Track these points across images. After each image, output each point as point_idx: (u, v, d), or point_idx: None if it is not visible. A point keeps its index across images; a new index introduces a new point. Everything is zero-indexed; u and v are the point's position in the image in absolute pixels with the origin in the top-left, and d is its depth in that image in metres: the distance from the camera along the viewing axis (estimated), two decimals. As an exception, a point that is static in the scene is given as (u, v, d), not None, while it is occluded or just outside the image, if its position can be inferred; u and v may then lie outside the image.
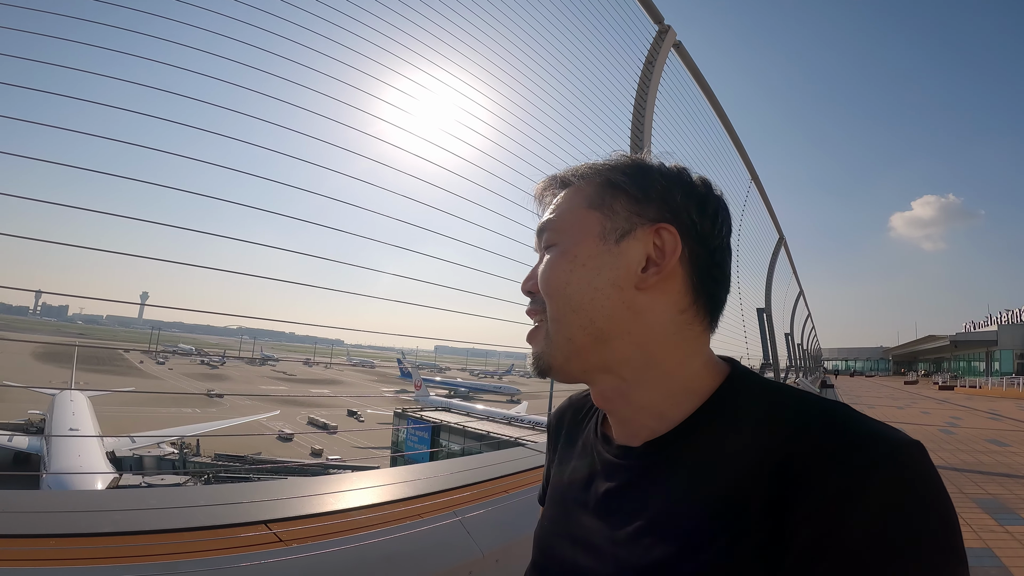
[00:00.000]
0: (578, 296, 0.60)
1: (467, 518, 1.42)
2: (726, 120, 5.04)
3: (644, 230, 0.61)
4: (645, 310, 0.60)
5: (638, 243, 0.60)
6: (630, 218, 0.61)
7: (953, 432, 10.54)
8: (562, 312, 0.61)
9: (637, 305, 0.59)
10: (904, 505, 0.43)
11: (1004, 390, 27.52)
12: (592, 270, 0.60)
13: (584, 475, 0.68)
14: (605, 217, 0.62)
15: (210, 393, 51.64)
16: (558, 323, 0.61)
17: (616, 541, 0.57)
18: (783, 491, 0.47)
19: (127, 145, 1.43)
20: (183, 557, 1.00)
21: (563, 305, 0.60)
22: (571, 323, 0.60)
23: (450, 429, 19.60)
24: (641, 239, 0.60)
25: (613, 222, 0.61)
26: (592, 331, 0.60)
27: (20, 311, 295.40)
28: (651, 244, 0.60)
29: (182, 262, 1.48)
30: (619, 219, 0.61)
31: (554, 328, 0.61)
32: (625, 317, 0.59)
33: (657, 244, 0.60)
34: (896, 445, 0.46)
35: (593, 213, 0.62)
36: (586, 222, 0.62)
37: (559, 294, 0.61)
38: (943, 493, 0.45)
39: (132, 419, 31.79)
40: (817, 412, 0.51)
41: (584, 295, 0.60)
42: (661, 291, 0.60)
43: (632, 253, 0.60)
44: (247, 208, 1.58)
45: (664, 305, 0.60)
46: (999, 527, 4.20)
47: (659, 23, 3.37)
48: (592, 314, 0.59)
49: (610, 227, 0.61)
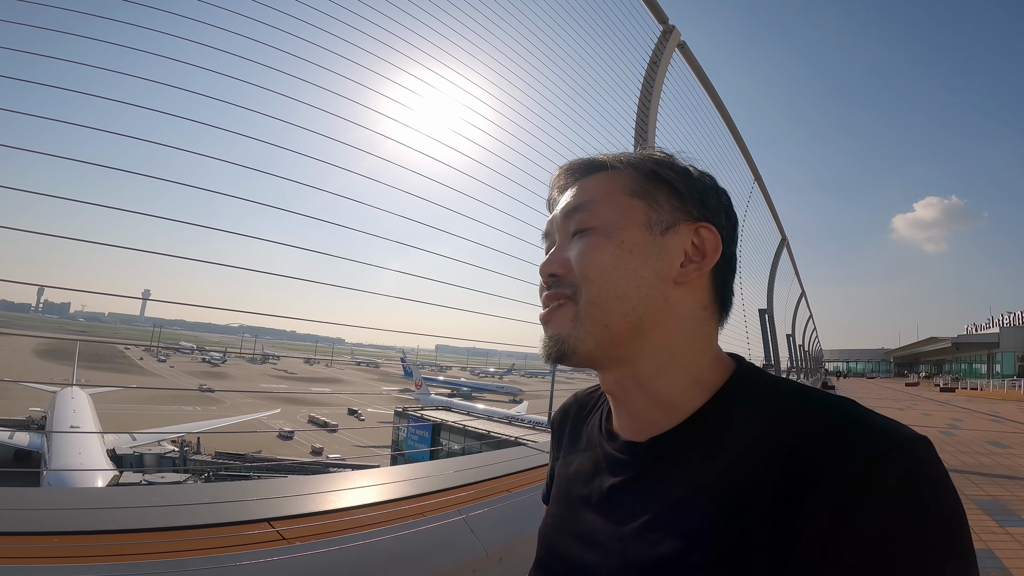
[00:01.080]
0: (624, 283, 0.59)
1: (470, 517, 1.41)
2: (729, 120, 5.03)
3: (687, 226, 0.61)
4: (677, 304, 0.60)
5: (680, 238, 0.61)
6: (673, 212, 0.61)
7: (954, 434, 10.53)
8: (604, 297, 0.58)
9: (672, 298, 0.60)
10: (912, 499, 0.43)
11: (1005, 392, 27.49)
12: (639, 258, 0.59)
13: (588, 471, 0.67)
14: (649, 207, 0.61)
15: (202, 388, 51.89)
16: (597, 307, 0.59)
17: (621, 537, 0.57)
18: (791, 485, 0.47)
19: (131, 140, 1.42)
20: (187, 555, 1.00)
21: (607, 290, 0.58)
22: (612, 310, 0.58)
23: (450, 428, 19.62)
24: (683, 234, 0.61)
25: (658, 214, 0.61)
26: (632, 320, 0.59)
27: (22, 308, 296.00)
28: (690, 241, 0.61)
29: (185, 257, 1.47)
30: (663, 211, 0.61)
31: (590, 312, 0.59)
32: (662, 309, 0.59)
33: (695, 243, 0.61)
34: (904, 440, 0.46)
35: (636, 202, 0.62)
36: (630, 209, 0.61)
37: (603, 279, 0.59)
38: (951, 488, 0.45)
39: (133, 416, 31.85)
40: (824, 407, 0.51)
41: (630, 283, 0.59)
42: (692, 287, 0.61)
43: (674, 247, 0.60)
44: (250, 205, 1.58)
45: (692, 300, 0.61)
46: (999, 528, 4.20)
47: (664, 23, 3.36)
48: (635, 302, 0.58)
49: (655, 218, 0.61)
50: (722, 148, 5.28)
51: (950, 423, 12.85)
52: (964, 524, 0.44)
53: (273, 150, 1.68)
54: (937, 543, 0.42)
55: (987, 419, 14.27)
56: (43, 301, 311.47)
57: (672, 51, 3.43)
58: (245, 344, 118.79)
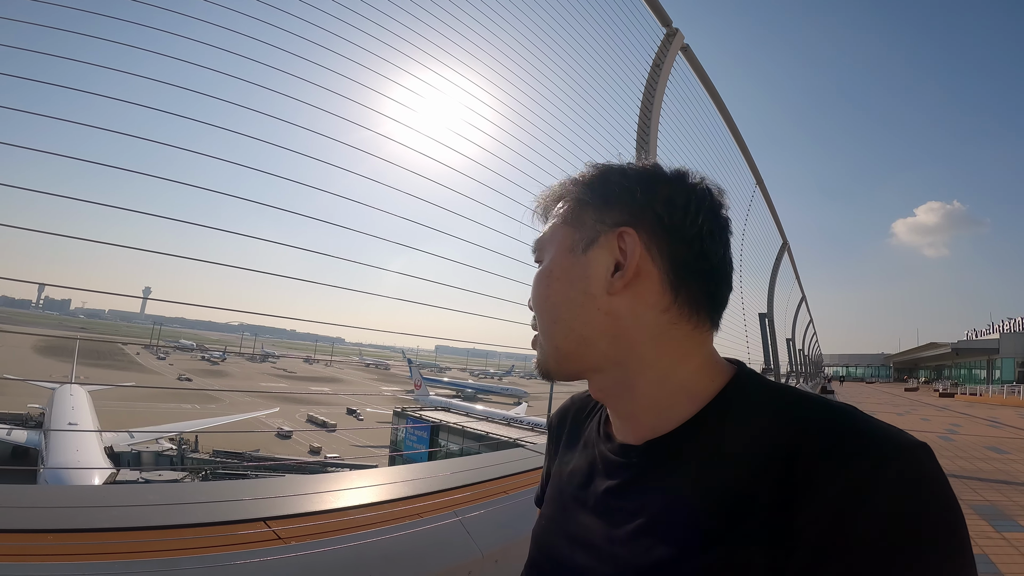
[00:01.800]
0: (557, 308, 0.63)
1: (467, 518, 1.41)
2: (732, 123, 5.03)
3: (608, 236, 0.61)
4: (623, 314, 0.60)
5: (603, 250, 0.61)
6: (594, 227, 0.63)
7: (952, 439, 10.54)
8: (547, 323, 0.65)
9: (614, 309, 0.60)
10: (911, 506, 0.43)
11: (1004, 398, 27.43)
12: (565, 282, 0.63)
13: (584, 473, 0.67)
14: (575, 230, 0.64)
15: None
16: (544, 334, 0.65)
17: (615, 540, 0.57)
18: (789, 491, 0.47)
19: (133, 139, 1.42)
20: (182, 554, 0.99)
21: (546, 317, 0.65)
22: (556, 333, 0.64)
23: (449, 429, 19.61)
24: (606, 246, 0.61)
25: (580, 233, 0.64)
26: (573, 338, 0.62)
27: (23, 304, 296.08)
28: (616, 249, 0.60)
29: (186, 256, 1.47)
30: (585, 229, 0.63)
31: (544, 338, 0.65)
32: (603, 322, 0.60)
33: (621, 248, 0.60)
34: (903, 446, 0.46)
35: (566, 228, 0.65)
36: (560, 237, 0.66)
37: (542, 308, 0.65)
38: (950, 494, 0.45)
39: (131, 414, 31.82)
40: (824, 413, 0.51)
41: (562, 306, 0.63)
42: (636, 293, 0.60)
43: (600, 260, 0.61)
44: (251, 204, 1.57)
45: (642, 307, 0.60)
46: (996, 533, 4.21)
47: (667, 26, 3.36)
48: (571, 323, 0.62)
49: (578, 238, 0.64)
50: (724, 151, 5.29)
51: (949, 428, 12.86)
52: (963, 529, 0.44)
53: (275, 150, 1.68)
54: (936, 548, 0.42)
55: (986, 424, 14.27)
56: (44, 297, 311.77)
57: (675, 54, 3.43)
58: (245, 343, 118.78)
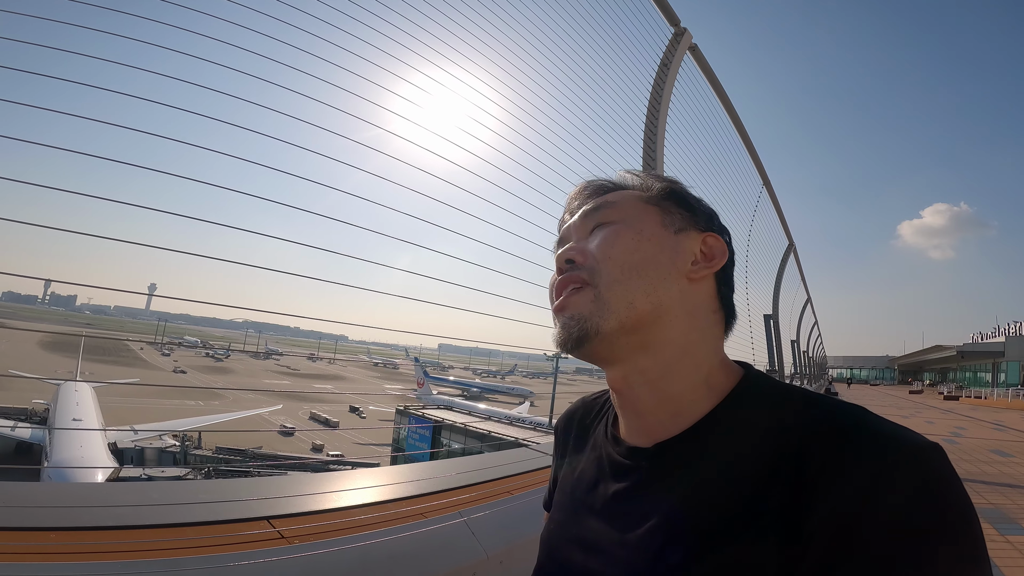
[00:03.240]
0: (643, 264, 0.61)
1: (471, 519, 1.40)
2: (739, 124, 5.01)
3: (696, 233, 0.65)
4: (690, 299, 0.62)
5: (691, 241, 0.64)
6: (684, 219, 0.65)
7: (957, 442, 10.49)
8: (626, 275, 0.60)
9: (685, 292, 0.62)
10: (924, 506, 0.43)
11: (1009, 401, 27.26)
12: (656, 245, 0.62)
13: (592, 476, 0.67)
14: (663, 212, 0.65)
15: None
16: (620, 284, 0.59)
17: (625, 544, 0.56)
18: (800, 493, 0.46)
19: (141, 135, 1.42)
20: (185, 553, 0.98)
21: (628, 269, 0.60)
22: (635, 288, 0.59)
23: (451, 428, 19.64)
24: (693, 239, 0.64)
25: (671, 218, 0.65)
26: (653, 299, 0.59)
27: (29, 300, 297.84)
28: (699, 248, 0.64)
29: (192, 252, 1.47)
30: (675, 217, 0.65)
31: (612, 290, 0.59)
32: (676, 300, 0.61)
33: (703, 250, 0.64)
34: (916, 447, 0.46)
35: (651, 207, 0.66)
36: (647, 211, 0.65)
37: (625, 259, 0.61)
38: (964, 496, 0.45)
39: (135, 410, 31.95)
40: (834, 414, 0.51)
41: (649, 265, 0.61)
42: (702, 288, 0.63)
43: (686, 246, 0.64)
44: (257, 201, 1.57)
45: (703, 300, 0.63)
46: (1000, 537, 4.19)
47: (675, 25, 3.35)
48: (656, 283, 0.60)
49: (668, 220, 0.65)
50: (731, 151, 5.26)
51: (953, 431, 12.81)
52: (977, 529, 0.44)
53: (281, 147, 1.68)
54: (950, 548, 0.42)
55: (991, 428, 14.21)
56: (50, 293, 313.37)
57: (683, 54, 3.42)
58: (249, 340, 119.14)
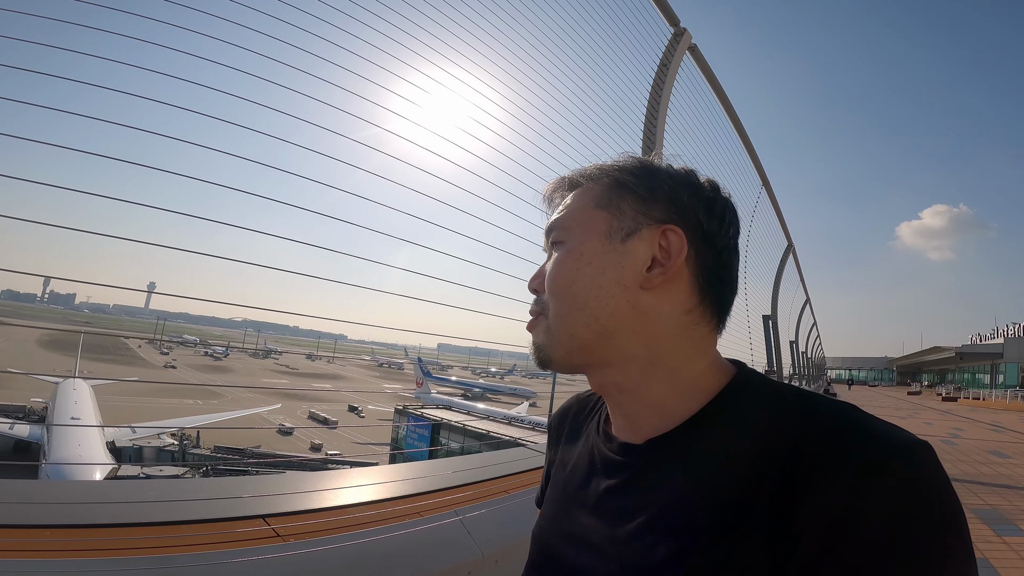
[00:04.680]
0: (583, 294, 0.60)
1: (467, 518, 1.40)
2: (739, 124, 5.01)
3: (650, 230, 0.61)
4: (650, 309, 0.60)
5: (644, 243, 0.61)
6: (636, 218, 0.62)
7: (955, 443, 10.51)
8: (567, 310, 0.61)
9: (642, 304, 0.60)
10: (913, 506, 0.43)
11: (1008, 403, 27.28)
12: (597, 268, 0.60)
13: (584, 472, 0.67)
14: (612, 216, 0.62)
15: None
16: (561, 319, 0.61)
17: (617, 540, 0.56)
18: (789, 490, 0.46)
19: (140, 133, 1.42)
20: (180, 550, 0.99)
21: (568, 302, 0.61)
22: (575, 320, 0.60)
23: (450, 427, 19.62)
24: (647, 239, 0.61)
25: (620, 221, 0.62)
26: (596, 328, 0.60)
27: (28, 298, 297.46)
28: (657, 244, 0.60)
29: (191, 251, 1.47)
30: (626, 218, 0.62)
31: (557, 324, 0.62)
32: (630, 315, 0.59)
33: (663, 245, 0.60)
34: (904, 446, 0.46)
35: (600, 212, 0.63)
36: (593, 221, 0.63)
37: (565, 291, 0.61)
38: (952, 495, 0.45)
39: (134, 408, 31.93)
40: (825, 412, 0.51)
41: (589, 293, 0.60)
42: (666, 291, 0.60)
43: (638, 252, 0.60)
44: (257, 200, 1.57)
45: (670, 305, 0.60)
46: (996, 538, 4.20)
47: (675, 25, 3.35)
48: (596, 312, 0.60)
49: (616, 226, 0.62)
50: (730, 151, 5.25)
51: (951, 432, 12.82)
52: (964, 529, 0.44)
53: (280, 145, 1.68)
54: (937, 547, 0.42)
55: (989, 429, 14.22)
56: (49, 291, 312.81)
57: (683, 54, 3.42)
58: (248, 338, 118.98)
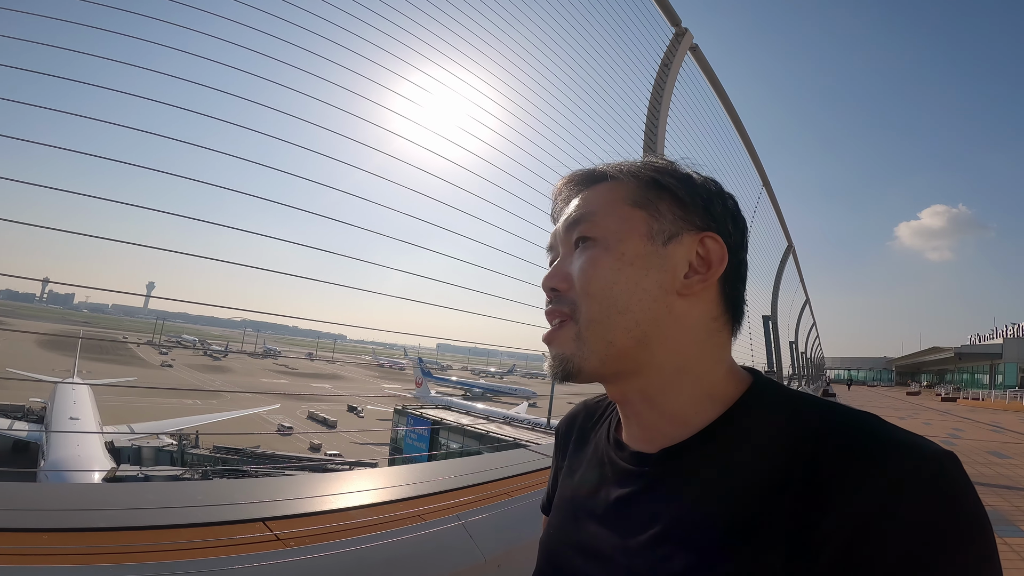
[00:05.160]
0: (625, 297, 0.57)
1: (469, 521, 1.39)
2: (739, 125, 5.00)
3: (690, 236, 0.59)
4: (684, 316, 0.58)
5: (683, 248, 0.59)
6: (676, 221, 0.59)
7: (954, 443, 10.49)
8: (605, 313, 0.57)
9: (676, 310, 0.58)
10: (939, 516, 0.42)
11: (1007, 403, 27.29)
12: (640, 270, 0.58)
13: (594, 481, 0.65)
14: (651, 217, 0.60)
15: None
16: (599, 324, 0.57)
17: (628, 551, 0.55)
18: (810, 502, 0.45)
19: (139, 134, 1.41)
20: (179, 555, 0.97)
21: (608, 306, 0.57)
22: (615, 325, 0.57)
23: (450, 428, 19.62)
24: (686, 244, 0.59)
25: (659, 223, 0.59)
26: (636, 334, 0.57)
27: (27, 298, 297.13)
28: (695, 251, 0.59)
29: (190, 252, 1.46)
30: (665, 221, 0.59)
31: (592, 330, 0.57)
32: (667, 322, 0.57)
33: (700, 252, 0.59)
34: (930, 456, 0.44)
35: (637, 211, 0.60)
36: (631, 219, 0.60)
37: (604, 294, 0.57)
38: (979, 506, 0.44)
39: (132, 409, 31.86)
40: (845, 421, 0.50)
41: (632, 296, 0.57)
42: (699, 298, 0.59)
43: (678, 257, 0.59)
44: (256, 201, 1.56)
45: (700, 312, 0.59)
46: (997, 539, 4.17)
47: (676, 26, 3.35)
48: (639, 316, 0.57)
49: (657, 228, 0.59)
50: (731, 152, 5.25)
51: (951, 432, 12.82)
52: (992, 539, 0.43)
53: (280, 146, 1.67)
54: (967, 559, 0.41)
55: (988, 429, 14.22)
56: (47, 291, 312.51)
57: (684, 54, 3.41)
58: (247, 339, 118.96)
